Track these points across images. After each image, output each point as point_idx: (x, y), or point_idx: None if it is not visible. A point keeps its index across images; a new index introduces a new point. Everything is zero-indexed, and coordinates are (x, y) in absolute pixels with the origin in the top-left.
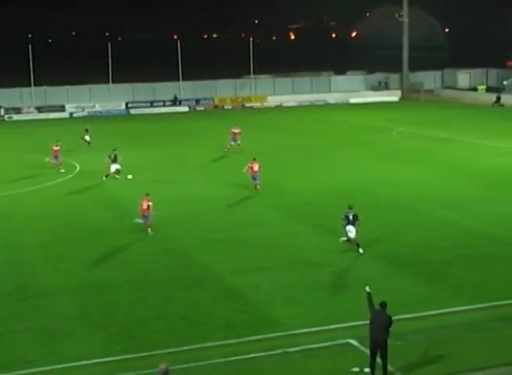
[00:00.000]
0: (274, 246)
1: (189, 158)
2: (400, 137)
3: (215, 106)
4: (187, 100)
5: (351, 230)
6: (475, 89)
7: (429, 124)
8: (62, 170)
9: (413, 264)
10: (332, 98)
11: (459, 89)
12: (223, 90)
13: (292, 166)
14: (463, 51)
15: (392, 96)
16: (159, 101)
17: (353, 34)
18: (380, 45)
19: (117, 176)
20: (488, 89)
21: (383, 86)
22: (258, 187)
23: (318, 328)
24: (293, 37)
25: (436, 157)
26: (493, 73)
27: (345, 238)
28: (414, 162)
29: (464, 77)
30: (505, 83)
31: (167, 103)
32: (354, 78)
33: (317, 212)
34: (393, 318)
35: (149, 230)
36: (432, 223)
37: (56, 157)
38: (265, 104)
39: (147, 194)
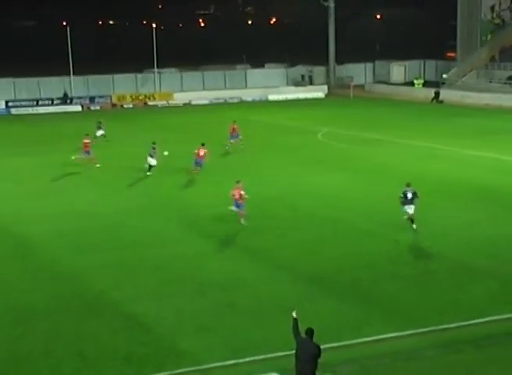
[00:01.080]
0: (179, 268)
1: (79, 166)
2: (325, 140)
3: (113, 105)
4: (80, 98)
5: (411, 208)
6: (411, 83)
7: (359, 124)
8: (98, 165)
9: (339, 284)
10: (248, 94)
11: (393, 84)
12: (122, 86)
13: (201, 175)
14: (397, 40)
15: (318, 92)
16: (46, 100)
17: (273, 21)
18: (303, 34)
19: (148, 173)
20: (426, 83)
21: (307, 81)
22: (195, 171)
23: (234, 361)
24: (202, 24)
25: (366, 162)
26: (431, 65)
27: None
28: (340, 168)
29: (398, 70)
30: (444, 76)
31: (55, 101)
32: (274, 72)
33: (230, 228)
34: (321, 347)
35: (242, 220)
36: (360, 236)
37: (87, 152)
38: (171, 102)
39: (238, 182)
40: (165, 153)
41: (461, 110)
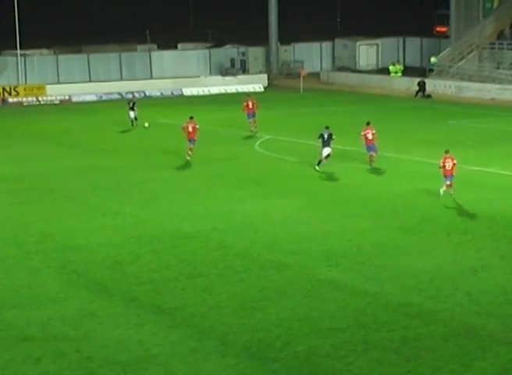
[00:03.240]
0: (55, 337)
1: None
2: (266, 151)
3: None
4: None
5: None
6: (386, 71)
7: (312, 129)
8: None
9: (288, 358)
10: (154, 87)
11: (360, 71)
12: None
13: (81, 203)
14: (366, 10)
15: (254, 84)
16: None
17: None
18: (233, 1)
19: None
20: (407, 70)
21: (239, 67)
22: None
23: None
24: None
25: (324, 182)
26: (414, 44)
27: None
28: (287, 192)
29: (367, 52)
30: (433, 60)
31: None
32: (191, 55)
33: (130, 277)
34: None
35: None
36: (317, 289)
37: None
38: (43, 98)
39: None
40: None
41: (457, 108)
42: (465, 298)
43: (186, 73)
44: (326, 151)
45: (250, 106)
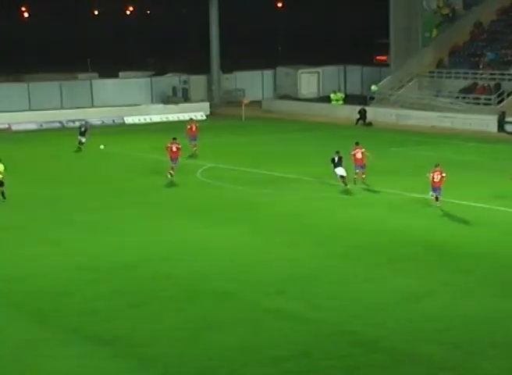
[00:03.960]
0: None
1: None
2: (209, 179)
3: None
4: None
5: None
6: (328, 99)
7: (256, 157)
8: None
9: None
10: (95, 115)
11: (302, 99)
12: None
13: (20, 232)
14: (307, 38)
15: (196, 112)
16: None
17: (130, 10)
18: (175, 30)
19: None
20: (348, 99)
21: (180, 96)
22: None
23: None
24: (26, 14)
25: (268, 210)
26: (355, 72)
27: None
28: (231, 220)
29: (309, 80)
30: (373, 88)
31: None
32: (133, 83)
33: (67, 309)
34: None
35: None
36: (259, 317)
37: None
38: None
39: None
40: (102, 147)
41: (398, 136)
42: (407, 325)
43: (128, 101)
44: (339, 171)
45: (194, 129)
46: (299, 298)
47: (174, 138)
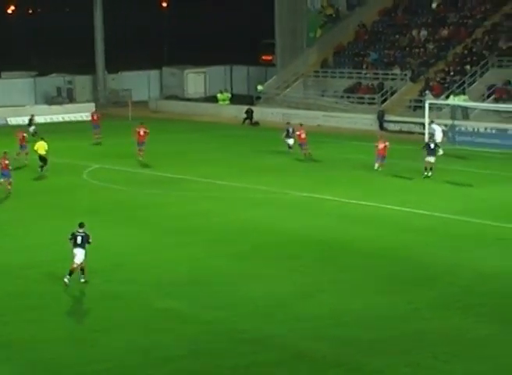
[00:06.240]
0: None
1: None
2: (95, 180)
3: None
4: None
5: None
6: (214, 99)
7: (144, 157)
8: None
9: None
10: None
11: (189, 99)
12: None
13: None
14: (193, 38)
15: (82, 113)
16: None
17: (11, 9)
18: (59, 28)
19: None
20: (235, 98)
21: (65, 96)
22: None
23: None
24: None
25: (155, 210)
26: (241, 72)
27: None
28: (117, 220)
29: (195, 80)
30: (260, 88)
31: None
32: (15, 84)
33: None
34: None
35: None
36: (149, 317)
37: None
38: None
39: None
40: None
41: None
42: (296, 323)
43: (11, 102)
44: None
45: (142, 134)
46: (188, 298)
47: (141, 122)
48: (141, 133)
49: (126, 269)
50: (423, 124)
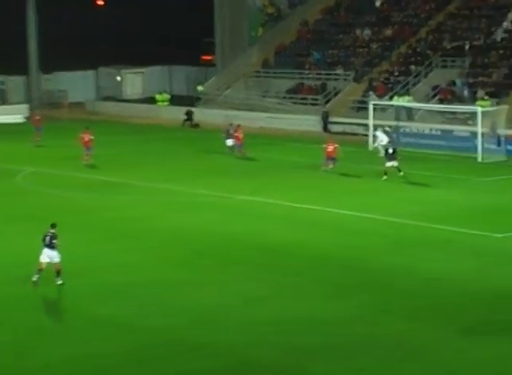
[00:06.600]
0: None
1: None
2: (30, 184)
3: None
4: None
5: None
6: (153, 100)
7: (90, 161)
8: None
9: None
10: None
11: (126, 100)
12: None
13: None
14: (131, 37)
15: (14, 115)
16: None
17: None
18: None
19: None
20: (174, 99)
21: None
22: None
23: None
24: None
25: (95, 215)
26: (180, 72)
27: None
28: (60, 225)
29: (133, 81)
30: (200, 88)
31: None
32: None
33: None
34: None
35: None
36: (87, 326)
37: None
38: None
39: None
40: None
41: None
42: (241, 329)
43: None
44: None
45: (86, 140)
46: (129, 306)
47: (87, 128)
48: (86, 139)
49: (65, 276)
50: (367, 125)
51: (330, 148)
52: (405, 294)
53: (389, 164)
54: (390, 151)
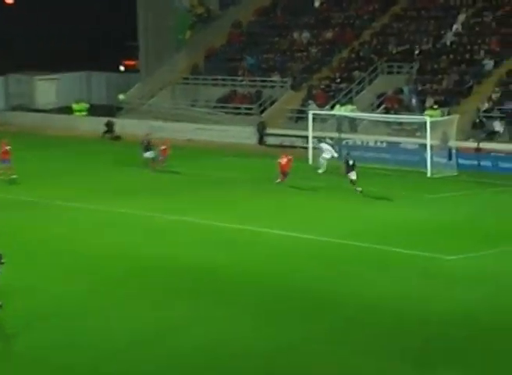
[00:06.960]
0: None
1: None
2: None
3: None
4: None
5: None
6: (69, 109)
7: (12, 175)
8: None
9: None
10: None
11: (40, 110)
12: None
13: None
14: (42, 42)
15: None
16: None
17: None
18: None
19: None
20: (93, 109)
21: None
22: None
23: None
24: None
25: (5, 238)
26: (100, 79)
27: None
28: None
29: (47, 88)
30: (121, 97)
31: None
32: None
33: None
34: None
35: None
36: None
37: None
38: None
39: None
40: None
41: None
42: (165, 361)
43: None
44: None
45: (3, 151)
46: (38, 337)
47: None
48: (2, 150)
49: None
50: (306, 137)
51: (283, 161)
52: (347, 322)
53: (352, 174)
54: (350, 162)
